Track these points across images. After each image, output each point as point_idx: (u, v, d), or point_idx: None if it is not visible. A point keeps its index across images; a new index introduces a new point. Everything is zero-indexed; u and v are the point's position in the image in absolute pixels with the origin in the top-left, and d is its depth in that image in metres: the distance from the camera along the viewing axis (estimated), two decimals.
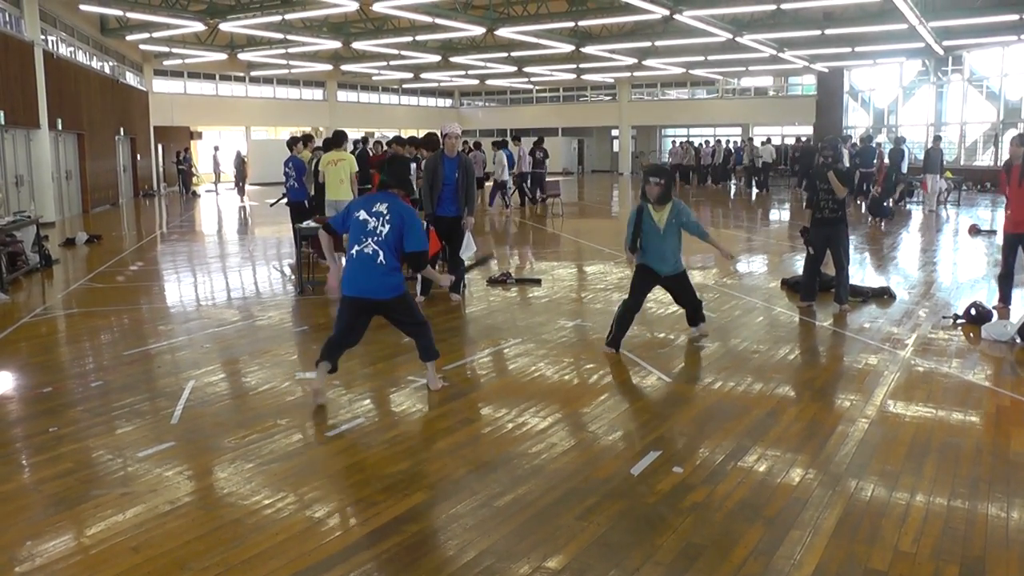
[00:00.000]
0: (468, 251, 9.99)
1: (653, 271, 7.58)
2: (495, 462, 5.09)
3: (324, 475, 4.88)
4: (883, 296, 10.00)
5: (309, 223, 11.17)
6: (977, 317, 8.56)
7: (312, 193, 13.70)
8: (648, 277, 7.62)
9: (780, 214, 23.37)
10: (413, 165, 13.45)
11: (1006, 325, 8.14)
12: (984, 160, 32.26)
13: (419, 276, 9.57)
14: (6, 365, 7.51)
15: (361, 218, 5.94)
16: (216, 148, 36.89)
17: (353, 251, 5.92)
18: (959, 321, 8.69)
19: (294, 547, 3.98)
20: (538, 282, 11.26)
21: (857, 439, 5.39)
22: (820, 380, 6.92)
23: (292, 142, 14.25)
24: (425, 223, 9.62)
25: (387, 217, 5.92)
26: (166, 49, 30.44)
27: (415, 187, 8.49)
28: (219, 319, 9.38)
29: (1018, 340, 7.82)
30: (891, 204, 20.27)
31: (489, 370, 7.17)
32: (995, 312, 8.77)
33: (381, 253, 5.89)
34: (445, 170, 9.71)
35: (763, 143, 32.84)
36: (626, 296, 7.72)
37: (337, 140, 12.94)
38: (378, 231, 5.90)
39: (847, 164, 20.30)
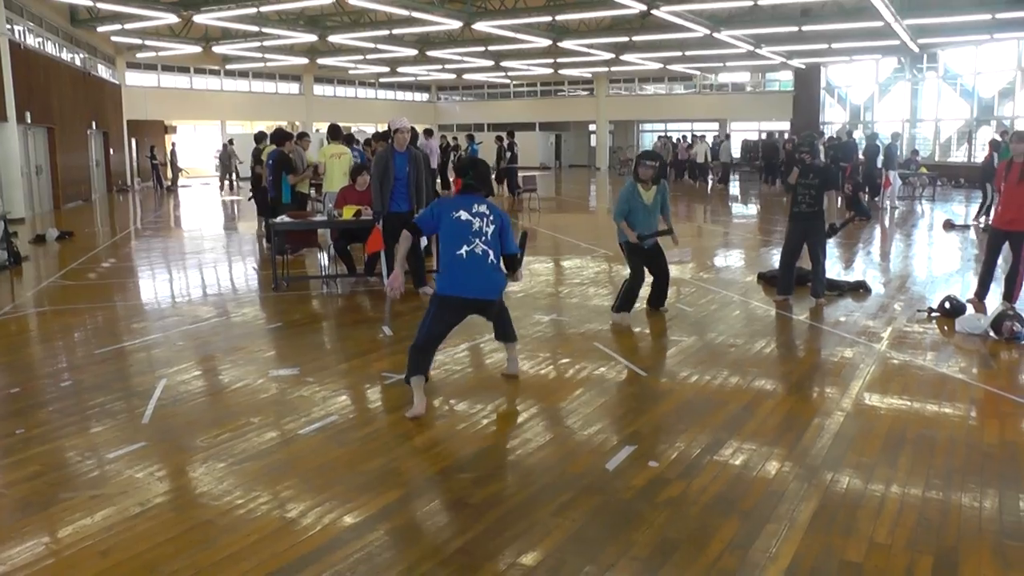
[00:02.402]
0: (423, 244, 9.97)
1: (640, 246, 8.43)
2: (470, 458, 5.06)
3: (297, 474, 4.81)
4: (859, 290, 10.06)
5: (283, 218, 11.08)
6: (951, 310, 8.62)
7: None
8: (638, 251, 8.48)
9: (755, 209, 23.45)
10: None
11: (979, 319, 8.21)
12: (958, 156, 32.51)
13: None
14: None
15: (464, 219, 5.85)
16: (173, 143, 36.46)
17: (462, 251, 5.78)
18: (934, 314, 8.75)
19: (266, 547, 3.93)
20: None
21: (833, 432, 5.40)
22: (796, 373, 6.93)
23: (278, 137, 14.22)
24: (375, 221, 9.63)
25: (490, 217, 5.94)
26: (139, 41, 29.95)
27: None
28: (193, 316, 9.27)
29: (991, 333, 7.89)
30: (865, 200, 20.35)
31: (465, 365, 7.12)
32: (969, 306, 8.83)
33: (491, 253, 5.89)
34: (396, 165, 9.60)
35: (695, 139, 33.55)
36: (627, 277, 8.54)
37: (335, 134, 13.17)
38: (484, 231, 5.87)
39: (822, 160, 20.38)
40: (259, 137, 17.22)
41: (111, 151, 31.58)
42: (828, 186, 9.20)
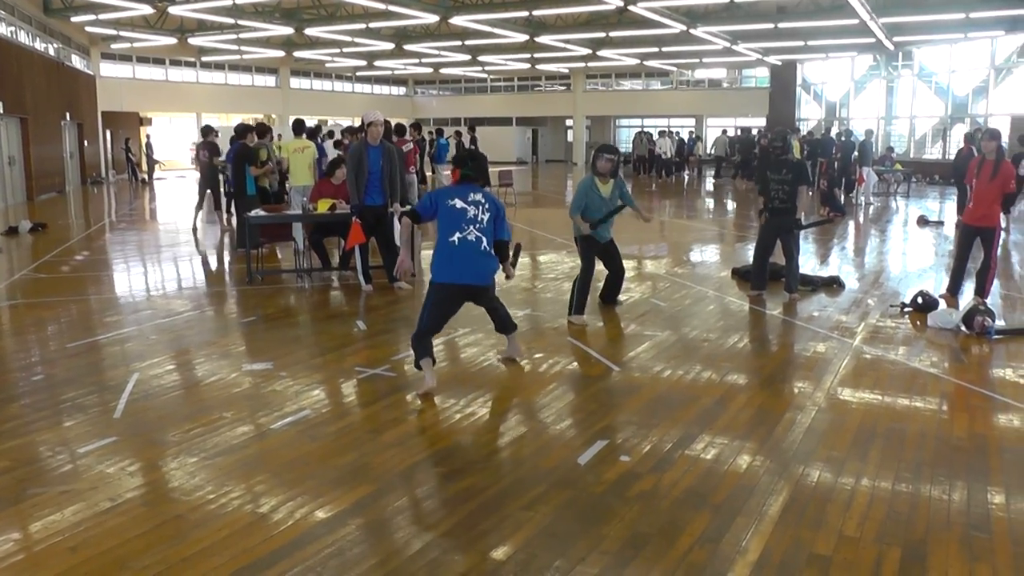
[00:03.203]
0: (398, 238, 9.95)
1: (595, 240, 8.46)
2: (442, 453, 5.06)
3: (269, 468, 4.78)
4: (832, 285, 10.12)
5: (258, 212, 11.02)
6: (924, 305, 8.69)
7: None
8: (593, 245, 8.50)
9: (731, 204, 23.53)
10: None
11: (951, 313, 8.29)
12: (933, 153, 32.79)
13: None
14: None
15: (459, 206, 6.05)
16: (148, 135, 36.12)
17: (455, 238, 6.00)
18: (906, 309, 8.82)
19: (237, 542, 3.90)
20: None
21: (804, 426, 5.43)
22: (769, 368, 6.97)
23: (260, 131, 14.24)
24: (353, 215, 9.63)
25: (486, 205, 6.15)
26: (113, 32, 29.50)
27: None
28: (166, 310, 9.21)
29: (963, 328, 7.95)
30: (841, 197, 20.45)
31: (438, 360, 7.06)
32: (942, 301, 8.91)
33: (484, 240, 6.09)
34: (370, 159, 9.59)
35: (660, 134, 33.91)
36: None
37: (298, 129, 13.67)
38: (479, 219, 6.08)
39: (796, 156, 20.45)
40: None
41: (85, 142, 31.20)
42: (801, 182, 9.24)
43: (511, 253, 6.47)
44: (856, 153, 22.10)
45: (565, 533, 3.97)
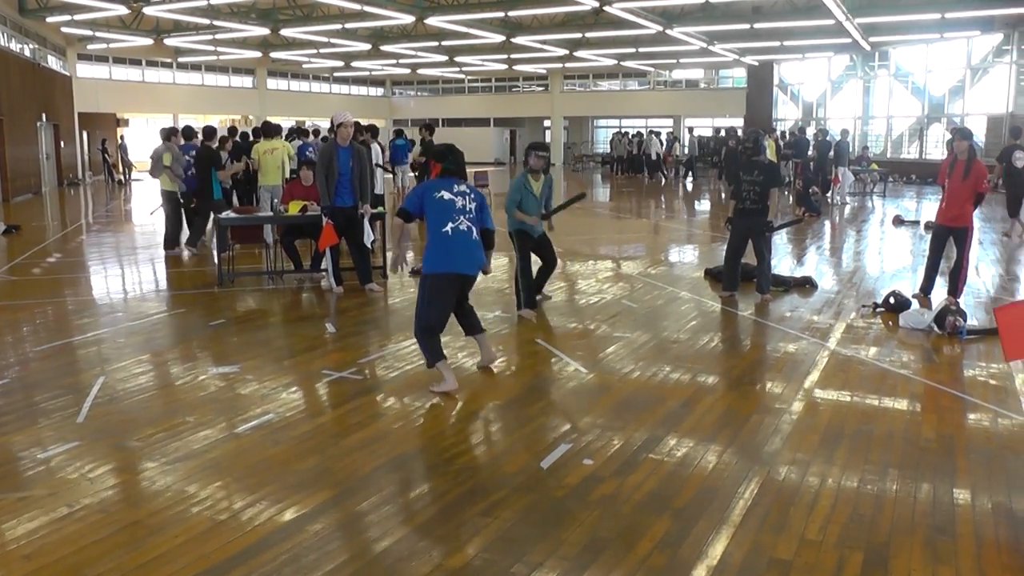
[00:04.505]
0: (368, 239, 9.90)
1: (530, 235, 8.73)
2: (404, 457, 4.99)
3: (230, 473, 4.71)
4: (805, 286, 10.10)
5: (229, 214, 10.94)
6: (896, 305, 8.67)
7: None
8: (528, 239, 8.75)
9: (705, 204, 23.57)
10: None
11: (923, 313, 8.28)
12: (910, 153, 32.97)
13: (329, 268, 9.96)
14: None
15: (446, 198, 6.11)
16: (122, 136, 35.82)
17: (447, 229, 6.04)
18: (878, 309, 8.80)
19: (194, 549, 3.84)
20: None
21: (771, 428, 5.39)
22: (738, 369, 6.93)
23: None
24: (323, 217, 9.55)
25: (471, 196, 6.24)
26: (89, 33, 29.32)
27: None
28: (137, 312, 9.15)
29: (935, 328, 7.94)
30: (818, 196, 20.45)
31: (405, 363, 6.99)
32: (914, 301, 8.91)
33: (474, 229, 6.19)
34: (340, 160, 9.53)
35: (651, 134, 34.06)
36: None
37: (268, 131, 14.13)
38: (468, 209, 6.16)
39: (770, 157, 20.47)
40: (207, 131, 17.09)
41: (62, 144, 30.98)
42: (773, 184, 9.21)
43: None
44: (832, 153, 22.14)
45: (523, 538, 3.91)
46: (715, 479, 4.57)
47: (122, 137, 35.65)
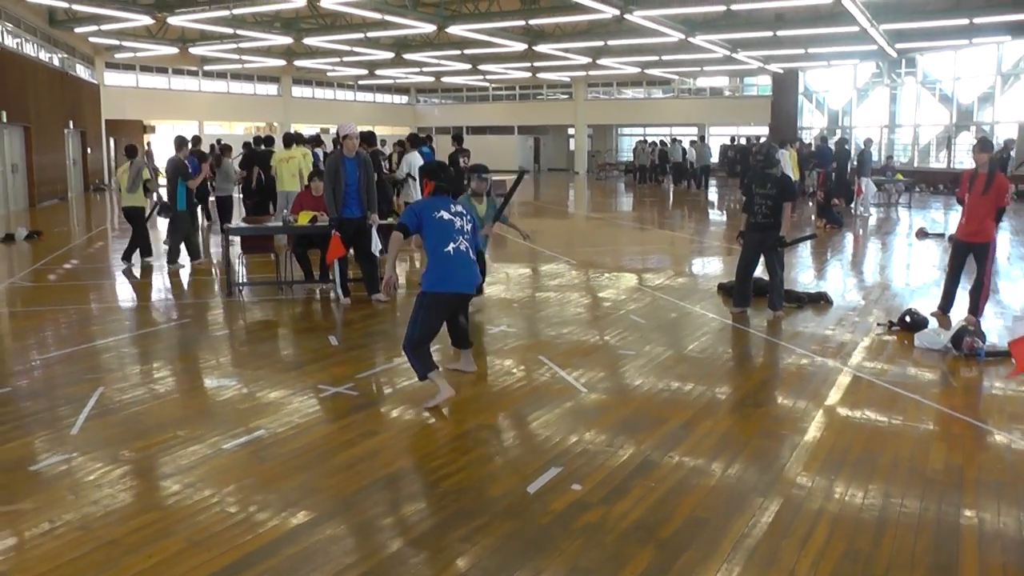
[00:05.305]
0: (376, 248, 9.81)
1: None
2: (390, 478, 4.87)
3: (214, 490, 4.64)
4: (819, 302, 9.85)
5: (239, 223, 10.90)
6: (912, 324, 8.39)
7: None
8: None
9: (721, 216, 23.30)
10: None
11: (939, 334, 7.99)
12: (938, 163, 32.50)
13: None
14: None
15: (446, 218, 6.12)
16: (149, 143, 36.06)
17: (449, 249, 6.05)
18: (894, 328, 8.55)
19: (168, 570, 3.79)
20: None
21: (770, 454, 5.21)
22: (742, 390, 6.72)
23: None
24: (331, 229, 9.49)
25: (467, 216, 6.28)
26: (116, 42, 29.87)
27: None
28: (144, 321, 9.22)
29: (951, 349, 7.68)
30: (840, 208, 20.14)
31: (403, 378, 6.86)
32: (933, 319, 8.63)
33: (471, 249, 6.23)
34: (347, 171, 9.47)
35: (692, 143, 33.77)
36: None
37: (288, 141, 15.16)
38: (464, 229, 6.19)
39: (791, 167, 20.20)
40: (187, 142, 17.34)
41: (88, 150, 31.49)
42: (786, 197, 9.01)
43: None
44: (855, 162, 21.80)
45: (500, 567, 3.78)
46: (706, 508, 4.39)
47: (148, 144, 35.88)
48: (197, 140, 18.71)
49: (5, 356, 7.82)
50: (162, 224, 14.55)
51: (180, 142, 13.08)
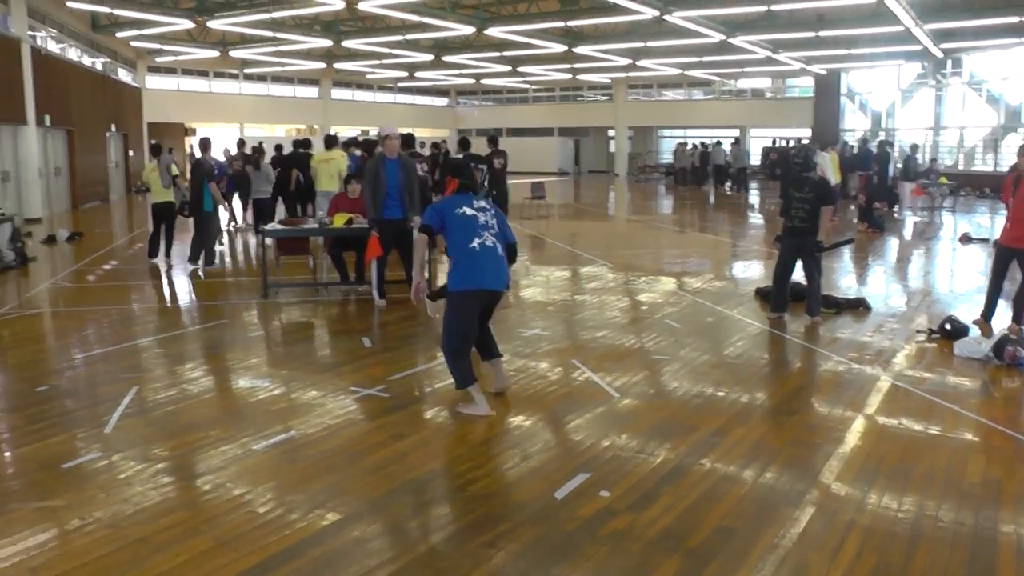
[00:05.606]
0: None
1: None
2: (418, 482, 4.87)
3: (244, 490, 4.68)
4: (858, 308, 9.70)
5: (275, 225, 10.98)
6: (952, 332, 8.24)
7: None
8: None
9: (760, 219, 23.07)
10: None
11: (980, 342, 7.83)
12: (984, 165, 31.91)
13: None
14: None
15: (469, 214, 6.04)
16: (191, 146, 36.44)
17: (475, 244, 5.95)
18: (933, 336, 8.40)
19: (193, 570, 3.82)
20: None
21: (803, 462, 5.14)
22: (777, 396, 6.63)
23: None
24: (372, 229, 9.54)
25: (491, 212, 6.18)
26: (158, 46, 30.28)
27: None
28: (179, 322, 9.35)
29: (993, 358, 7.52)
30: (882, 211, 19.82)
31: (436, 380, 6.89)
32: (974, 327, 8.46)
33: (499, 245, 6.08)
34: (387, 173, 9.51)
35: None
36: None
37: (329, 144, 15.45)
38: (490, 225, 6.09)
39: (832, 170, 19.95)
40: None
41: (130, 152, 31.94)
42: (823, 201, 8.89)
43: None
44: (899, 165, 21.47)
45: (524, 572, 3.77)
46: (735, 517, 4.34)
47: (191, 146, 36.29)
48: (241, 143, 18.98)
49: (45, 355, 7.97)
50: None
51: (205, 144, 13.21)
